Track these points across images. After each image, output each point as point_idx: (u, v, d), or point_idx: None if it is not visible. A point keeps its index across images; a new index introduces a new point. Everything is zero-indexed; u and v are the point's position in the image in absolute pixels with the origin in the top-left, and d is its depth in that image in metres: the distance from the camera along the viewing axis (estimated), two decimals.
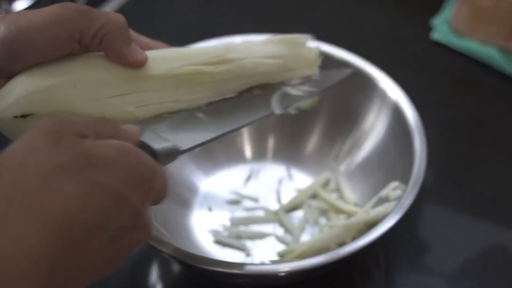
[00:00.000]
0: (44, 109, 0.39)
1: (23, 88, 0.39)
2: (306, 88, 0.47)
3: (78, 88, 0.39)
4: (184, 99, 0.43)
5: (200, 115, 0.43)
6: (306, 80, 0.48)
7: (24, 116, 0.39)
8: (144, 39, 0.46)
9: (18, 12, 0.40)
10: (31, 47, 0.38)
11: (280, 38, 0.48)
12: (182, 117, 0.42)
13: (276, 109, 0.45)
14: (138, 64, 0.41)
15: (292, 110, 0.47)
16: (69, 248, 0.28)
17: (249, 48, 0.46)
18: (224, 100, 0.45)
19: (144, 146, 0.35)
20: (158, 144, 0.36)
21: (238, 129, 0.43)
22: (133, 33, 0.45)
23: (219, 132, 0.41)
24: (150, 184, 0.33)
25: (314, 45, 0.49)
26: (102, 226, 0.30)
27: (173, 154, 0.37)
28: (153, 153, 0.36)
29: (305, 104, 0.54)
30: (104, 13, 0.40)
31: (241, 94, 0.46)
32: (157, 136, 0.38)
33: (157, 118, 0.41)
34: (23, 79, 0.39)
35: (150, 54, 0.42)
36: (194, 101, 0.44)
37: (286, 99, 0.46)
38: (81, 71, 0.40)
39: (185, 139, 0.39)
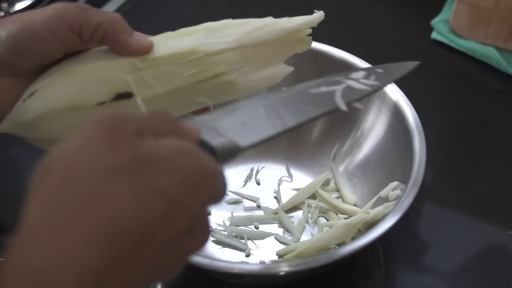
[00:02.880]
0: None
1: (40, 106, 0.41)
2: (371, 82, 0.44)
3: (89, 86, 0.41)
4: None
5: (261, 110, 0.39)
6: (370, 73, 0.45)
7: None
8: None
9: (21, 13, 0.41)
10: (34, 38, 0.40)
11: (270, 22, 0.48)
12: (243, 112, 0.39)
13: (341, 104, 0.41)
14: (145, 50, 0.42)
15: (358, 105, 0.45)
16: (120, 258, 0.26)
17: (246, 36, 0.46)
18: (284, 92, 0.42)
19: (203, 144, 0.33)
20: (216, 141, 0.34)
21: (301, 124, 0.39)
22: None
23: (281, 127, 0.38)
24: (210, 188, 0.30)
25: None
26: (157, 233, 0.28)
27: (232, 151, 0.35)
28: (212, 150, 0.33)
29: None
30: (101, 12, 0.42)
31: (298, 86, 0.43)
32: (215, 132, 0.35)
33: (214, 114, 0.38)
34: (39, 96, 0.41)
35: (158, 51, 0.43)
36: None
37: (350, 93, 0.43)
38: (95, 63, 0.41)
39: (245, 135, 0.36)
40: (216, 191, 0.31)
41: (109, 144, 0.28)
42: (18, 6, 0.82)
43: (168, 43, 0.43)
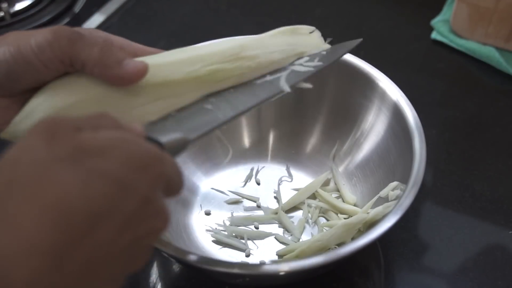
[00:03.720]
0: None
1: (46, 106, 0.41)
2: (315, 63, 0.47)
3: (102, 103, 0.41)
4: None
5: (208, 106, 0.43)
6: (314, 56, 0.49)
7: None
8: (138, 46, 0.46)
9: (18, 33, 0.41)
10: (27, 68, 0.40)
11: (285, 28, 0.49)
12: (191, 111, 0.42)
13: (285, 86, 0.45)
14: (137, 78, 0.41)
15: (303, 85, 0.47)
16: (73, 237, 0.28)
17: (261, 42, 0.47)
18: (234, 88, 0.45)
19: (150, 140, 0.35)
20: (165, 137, 0.36)
21: (245, 111, 0.43)
22: (125, 42, 0.45)
23: (224, 118, 0.41)
24: (156, 169, 0.32)
25: (313, 31, 0.50)
26: (107, 213, 0.29)
27: (181, 144, 0.38)
28: (160, 146, 0.36)
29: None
30: (88, 44, 0.40)
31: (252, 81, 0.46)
32: (165, 130, 0.38)
33: (165, 116, 0.41)
34: (44, 99, 0.41)
35: (166, 57, 0.43)
36: None
37: (295, 76, 0.46)
38: (100, 87, 0.41)
39: (192, 129, 0.40)
40: (165, 174, 0.33)
41: (48, 141, 0.30)
42: (18, 6, 0.82)
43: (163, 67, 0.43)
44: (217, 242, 0.56)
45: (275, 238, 0.57)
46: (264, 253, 0.55)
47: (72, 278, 0.28)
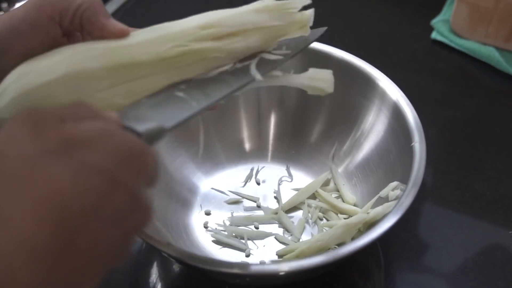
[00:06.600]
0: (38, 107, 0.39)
1: (16, 88, 0.39)
2: (282, 51, 0.46)
3: (67, 84, 0.39)
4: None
5: (180, 94, 0.41)
6: (281, 43, 0.47)
7: None
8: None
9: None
10: (13, 36, 0.39)
11: (274, 5, 0.45)
12: (162, 98, 0.41)
13: (256, 75, 0.43)
14: (122, 34, 0.41)
15: (276, 72, 0.46)
16: (68, 233, 0.27)
17: (240, 19, 0.44)
18: (205, 75, 0.44)
19: (127, 130, 0.34)
20: (141, 126, 0.35)
21: (219, 100, 0.42)
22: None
23: (199, 106, 0.40)
24: (141, 162, 0.32)
25: (307, 8, 0.47)
26: (99, 208, 0.28)
27: (158, 133, 0.37)
28: (137, 135, 0.35)
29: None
30: None
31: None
32: (139, 119, 0.37)
33: (137, 104, 0.40)
34: (15, 78, 0.39)
35: (136, 37, 0.42)
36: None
37: (265, 65, 0.45)
38: (68, 67, 0.39)
39: (168, 117, 0.39)
40: (147, 167, 0.32)
41: (33, 133, 0.29)
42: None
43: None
44: (217, 242, 0.56)
45: (275, 238, 0.57)
46: (264, 253, 0.55)
47: (66, 276, 0.27)
